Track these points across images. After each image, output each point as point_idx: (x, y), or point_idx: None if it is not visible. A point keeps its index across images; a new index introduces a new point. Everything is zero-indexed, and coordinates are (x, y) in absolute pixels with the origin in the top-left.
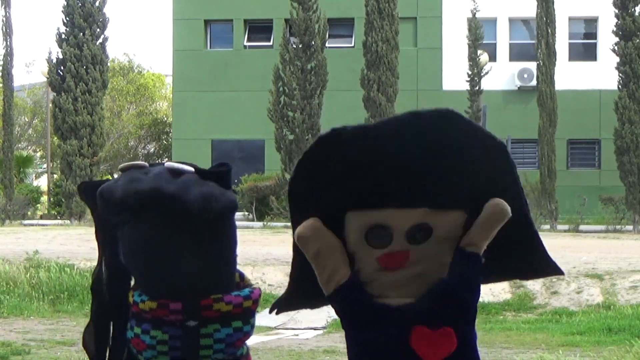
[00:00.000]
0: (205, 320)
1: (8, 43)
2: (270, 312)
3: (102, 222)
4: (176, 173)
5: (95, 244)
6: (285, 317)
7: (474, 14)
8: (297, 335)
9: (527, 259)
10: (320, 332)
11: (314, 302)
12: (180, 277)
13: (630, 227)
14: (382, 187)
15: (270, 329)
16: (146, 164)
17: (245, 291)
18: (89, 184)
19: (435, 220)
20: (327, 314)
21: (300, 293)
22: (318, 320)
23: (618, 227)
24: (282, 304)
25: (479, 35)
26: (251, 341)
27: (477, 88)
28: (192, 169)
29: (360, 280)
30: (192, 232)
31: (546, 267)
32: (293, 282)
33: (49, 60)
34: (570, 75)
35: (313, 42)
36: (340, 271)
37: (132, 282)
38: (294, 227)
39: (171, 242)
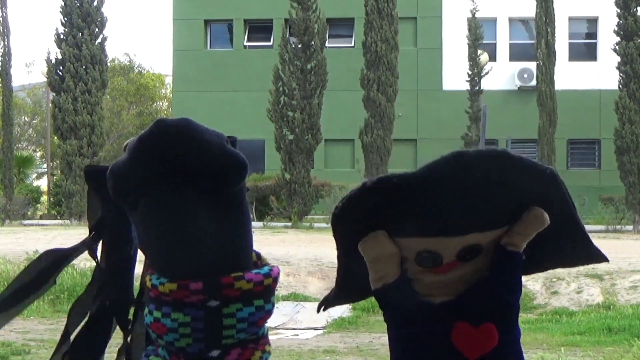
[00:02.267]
0: (227, 300)
1: (6, 43)
2: (318, 310)
3: (107, 208)
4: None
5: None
6: (285, 317)
7: (473, 14)
8: (297, 335)
9: (571, 246)
10: (320, 332)
11: (360, 295)
12: (200, 253)
13: (630, 227)
14: (430, 225)
15: (270, 329)
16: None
17: (265, 269)
18: (96, 167)
19: (484, 240)
20: (327, 314)
21: (348, 289)
22: (318, 321)
23: (618, 227)
24: (330, 301)
25: (478, 35)
26: None
27: (477, 88)
28: None
29: (407, 278)
30: (211, 205)
31: (590, 256)
32: (341, 279)
33: (48, 61)
34: (571, 75)
35: (312, 42)
36: (392, 272)
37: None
38: (337, 240)
39: (190, 217)
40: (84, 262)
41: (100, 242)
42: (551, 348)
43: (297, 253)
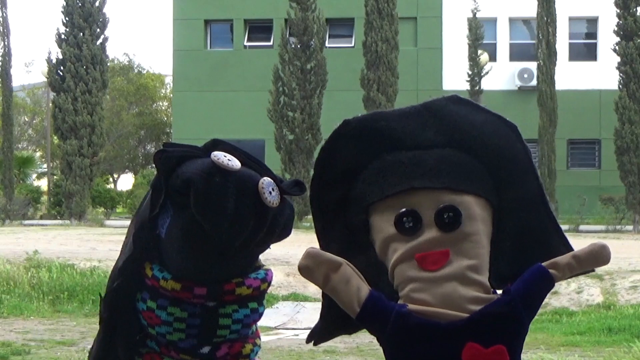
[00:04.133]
0: (224, 301)
1: (6, 43)
2: (307, 342)
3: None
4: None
5: (95, 244)
6: (285, 317)
7: (474, 14)
8: (297, 335)
9: (556, 252)
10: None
11: (349, 328)
12: (214, 269)
13: (630, 227)
14: (400, 169)
15: (270, 329)
16: (239, 166)
17: (261, 273)
18: (173, 153)
19: (461, 204)
20: None
21: (334, 322)
22: (318, 320)
23: (618, 227)
24: (318, 335)
25: (479, 35)
26: None
27: (477, 88)
28: (278, 195)
29: (395, 284)
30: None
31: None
32: (325, 313)
33: (49, 61)
34: (571, 75)
35: (312, 42)
36: (360, 289)
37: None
38: (318, 237)
39: (228, 250)
40: (84, 263)
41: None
42: (551, 348)
43: (297, 253)
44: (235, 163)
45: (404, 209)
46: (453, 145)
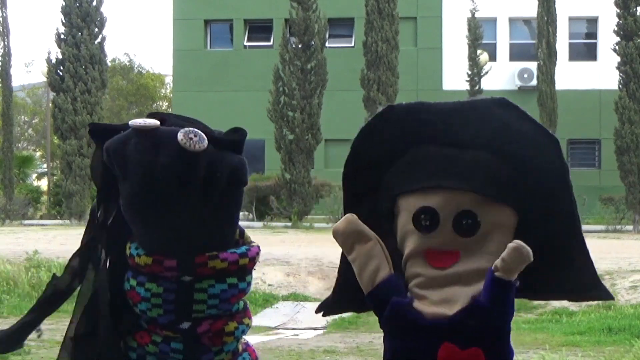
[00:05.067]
0: (200, 276)
1: (6, 43)
2: (317, 312)
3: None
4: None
5: None
6: (285, 317)
7: (473, 14)
8: (297, 335)
9: (576, 276)
10: (320, 332)
11: (359, 305)
12: (178, 235)
13: (630, 227)
14: (432, 165)
15: (270, 329)
16: (157, 124)
17: (242, 249)
18: (101, 125)
19: (482, 212)
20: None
21: (346, 296)
22: (318, 321)
23: (618, 227)
24: (329, 306)
25: (478, 35)
26: (251, 341)
27: (476, 88)
28: (205, 139)
29: (405, 275)
30: (204, 197)
31: (596, 289)
32: (339, 285)
33: (48, 61)
34: (571, 75)
35: (313, 42)
36: (380, 268)
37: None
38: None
39: (168, 205)
40: None
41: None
42: (552, 348)
43: (297, 253)
44: (151, 122)
45: (423, 206)
46: (490, 149)
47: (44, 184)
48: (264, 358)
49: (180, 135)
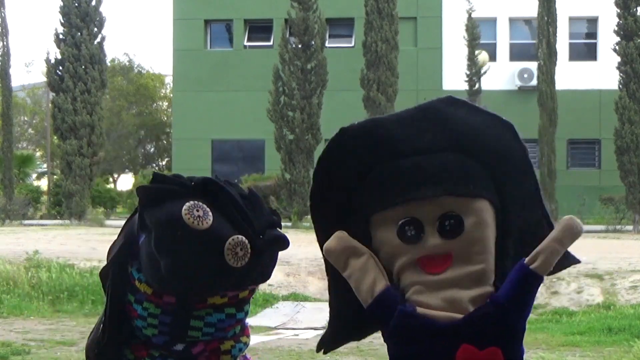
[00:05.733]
0: (197, 308)
1: (5, 43)
2: (318, 351)
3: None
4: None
5: (95, 244)
6: (285, 317)
7: (469, 14)
8: (297, 335)
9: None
10: (320, 332)
11: (359, 331)
12: (187, 284)
13: (630, 227)
14: (400, 178)
15: (270, 329)
16: (208, 226)
17: None
18: (153, 191)
19: (462, 209)
20: (326, 314)
21: (343, 327)
22: (318, 321)
23: (618, 227)
24: (328, 343)
25: (475, 35)
26: (252, 341)
27: (475, 87)
28: (209, 215)
29: (400, 287)
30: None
31: (565, 259)
32: (333, 319)
33: (48, 61)
34: (571, 75)
35: (313, 42)
36: (377, 281)
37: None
38: (320, 246)
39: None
40: (84, 263)
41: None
42: (551, 348)
43: (297, 253)
44: (203, 222)
45: (405, 219)
46: (452, 148)
47: (44, 183)
48: (264, 358)
49: (184, 212)
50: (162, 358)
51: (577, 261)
